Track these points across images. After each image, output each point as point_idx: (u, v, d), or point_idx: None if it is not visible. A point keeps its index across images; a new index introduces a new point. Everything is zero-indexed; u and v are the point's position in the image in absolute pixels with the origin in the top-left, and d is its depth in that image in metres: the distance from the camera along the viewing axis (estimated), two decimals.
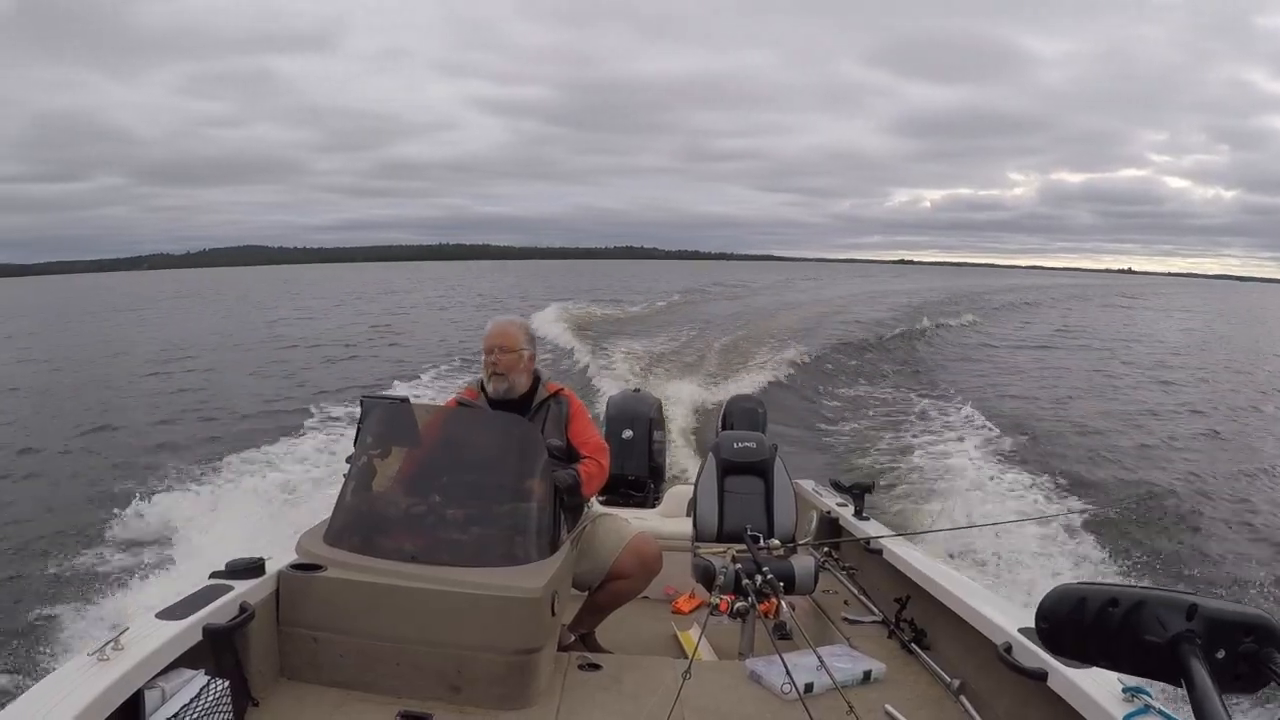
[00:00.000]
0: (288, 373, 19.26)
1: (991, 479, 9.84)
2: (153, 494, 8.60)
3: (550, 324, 22.06)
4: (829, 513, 4.79)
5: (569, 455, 3.51)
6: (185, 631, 2.46)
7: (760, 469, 4.15)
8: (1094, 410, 15.73)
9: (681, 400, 11.96)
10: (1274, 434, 14.17)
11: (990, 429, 12.71)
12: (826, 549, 4.40)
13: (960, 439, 11.85)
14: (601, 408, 6.06)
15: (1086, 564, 7.23)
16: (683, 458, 9.14)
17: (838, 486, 4.99)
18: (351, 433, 3.47)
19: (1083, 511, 8.66)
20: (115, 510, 8.15)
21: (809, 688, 2.84)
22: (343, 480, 3.25)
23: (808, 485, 5.33)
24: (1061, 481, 10.06)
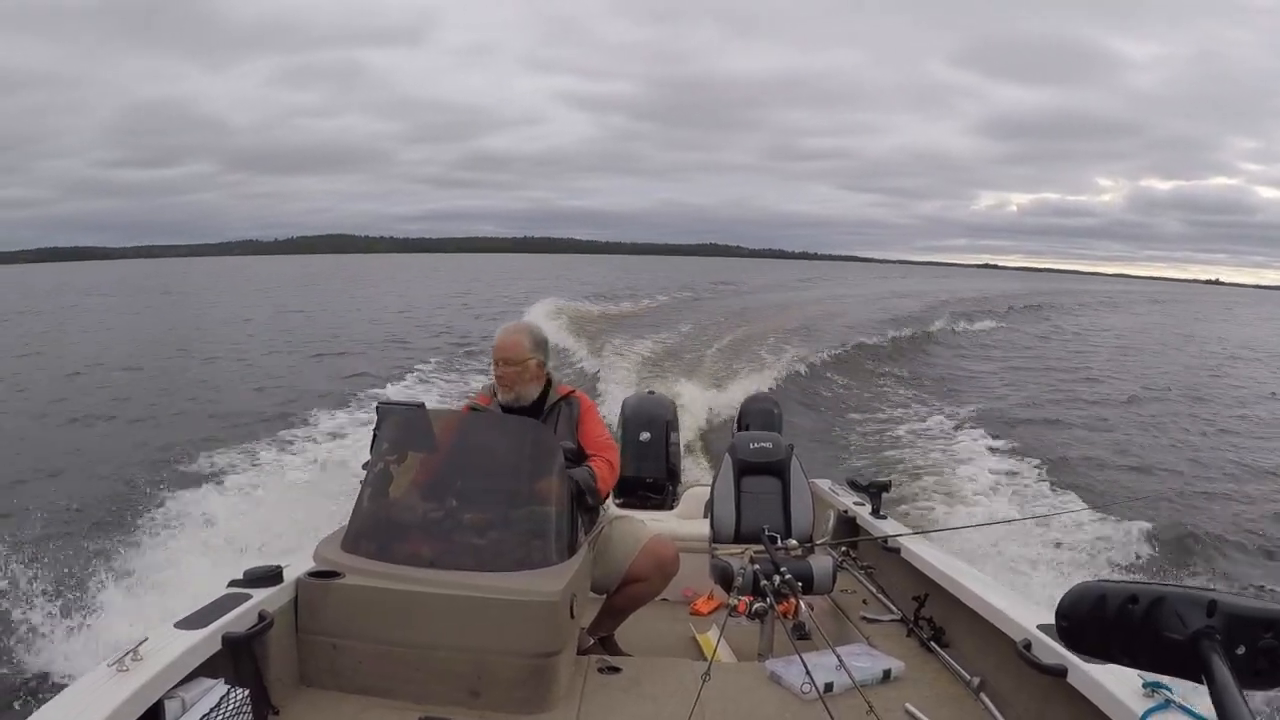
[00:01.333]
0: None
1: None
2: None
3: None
4: (846, 512, 4.77)
5: (580, 457, 3.52)
6: (204, 641, 2.47)
7: (777, 469, 4.14)
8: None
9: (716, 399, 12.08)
10: None
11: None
12: (844, 548, 4.38)
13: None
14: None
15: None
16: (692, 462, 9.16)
17: (854, 485, 4.97)
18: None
19: (1101, 509, 8.61)
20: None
21: (829, 687, 2.83)
22: (359, 487, 3.27)
23: (824, 485, 5.32)
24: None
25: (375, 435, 3.38)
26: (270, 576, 2.87)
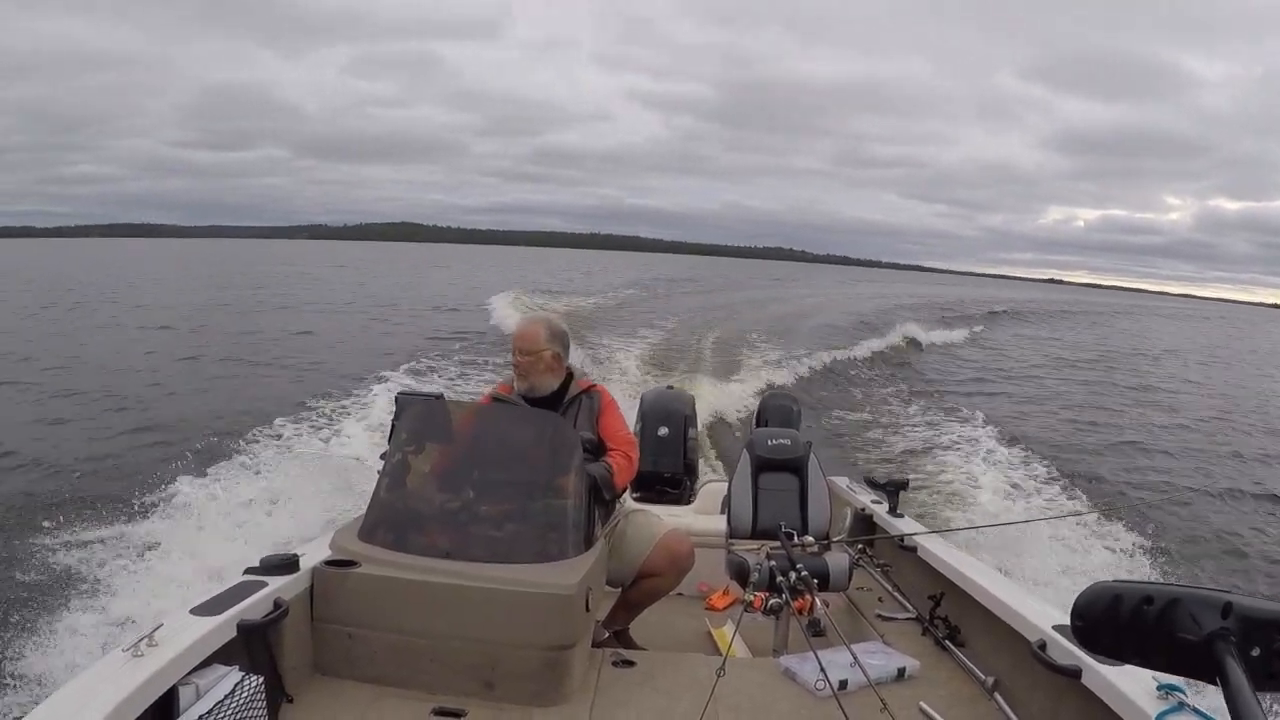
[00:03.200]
0: None
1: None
2: None
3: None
4: (863, 509, 4.75)
5: (599, 450, 3.53)
6: (219, 627, 2.48)
7: (794, 466, 4.14)
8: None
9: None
10: None
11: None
12: (860, 546, 4.37)
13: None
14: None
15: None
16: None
17: (872, 483, 4.95)
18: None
19: (1118, 510, 8.57)
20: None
21: (843, 685, 2.83)
22: (377, 476, 3.28)
23: (842, 482, 5.31)
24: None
25: (394, 425, 3.40)
26: (286, 565, 2.89)
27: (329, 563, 2.90)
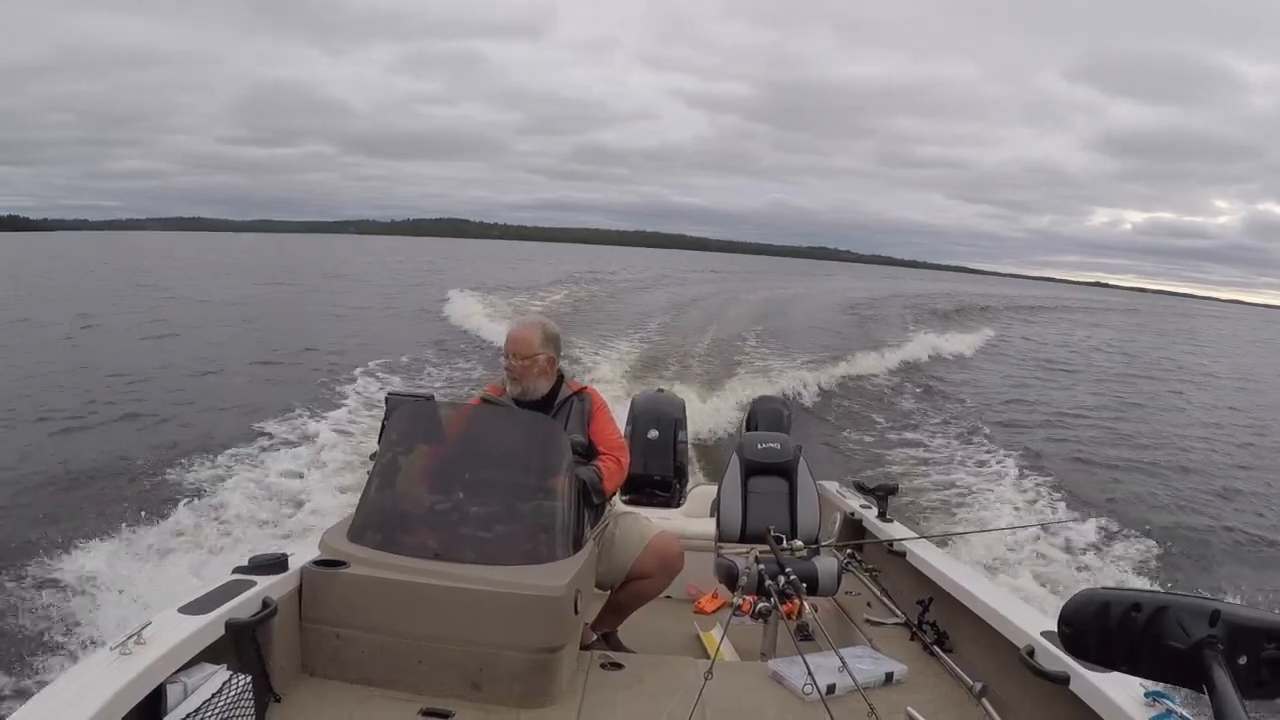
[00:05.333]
0: None
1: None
2: None
3: None
4: (852, 514, 4.76)
5: (589, 453, 3.52)
6: (208, 626, 2.47)
7: (784, 470, 4.14)
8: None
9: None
10: None
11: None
12: (849, 551, 4.38)
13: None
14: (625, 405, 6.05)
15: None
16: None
17: (861, 488, 4.96)
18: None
19: (1104, 518, 8.61)
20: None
21: (831, 689, 2.83)
22: (367, 477, 3.28)
23: (831, 486, 5.31)
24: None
25: (383, 426, 3.39)
26: (275, 564, 2.88)
27: (318, 563, 2.89)
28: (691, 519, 4.94)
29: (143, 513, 6.90)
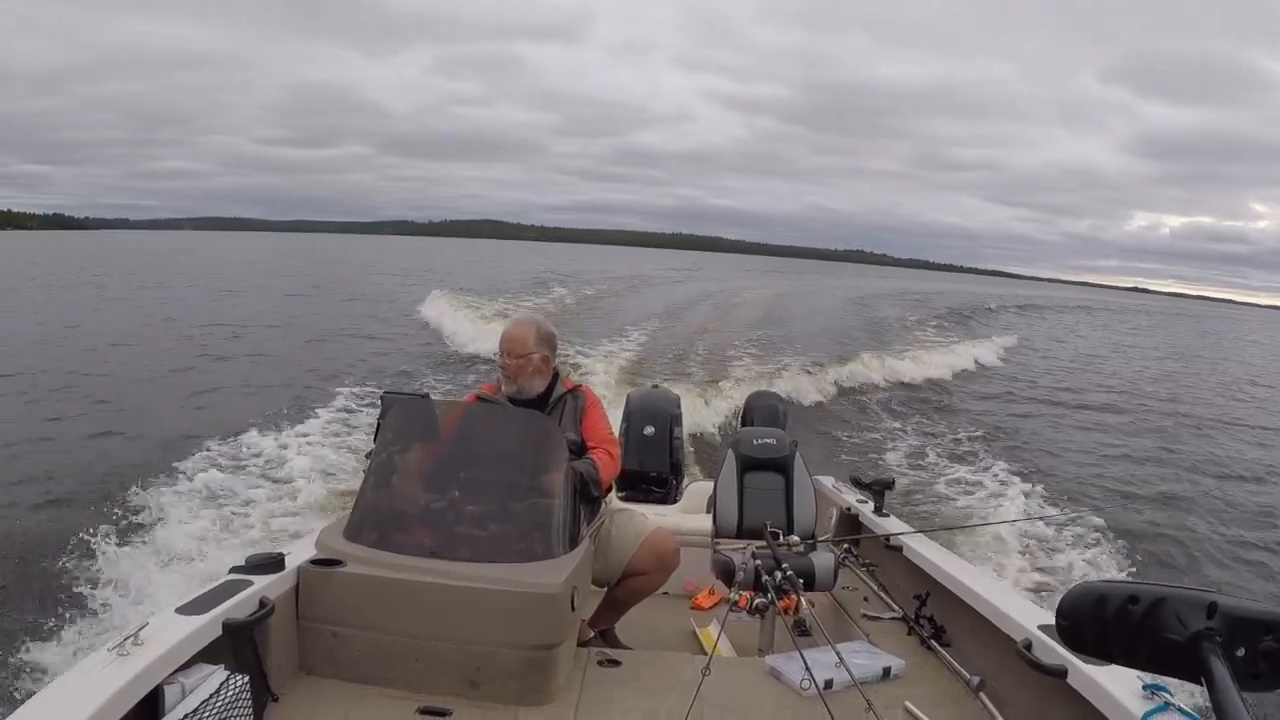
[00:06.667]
0: None
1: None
2: None
3: None
4: (849, 509, 4.76)
5: (582, 449, 3.51)
6: (205, 626, 2.47)
7: (780, 465, 4.14)
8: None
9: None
10: None
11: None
12: (846, 545, 4.38)
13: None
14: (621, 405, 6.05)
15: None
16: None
17: (858, 483, 4.97)
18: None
19: (1103, 510, 8.63)
20: None
21: (828, 684, 2.83)
22: (363, 476, 3.27)
23: (828, 481, 5.32)
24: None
25: (379, 424, 3.39)
26: (272, 564, 2.88)
27: (314, 562, 2.89)
28: (688, 515, 4.94)
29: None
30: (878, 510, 4.53)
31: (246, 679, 2.43)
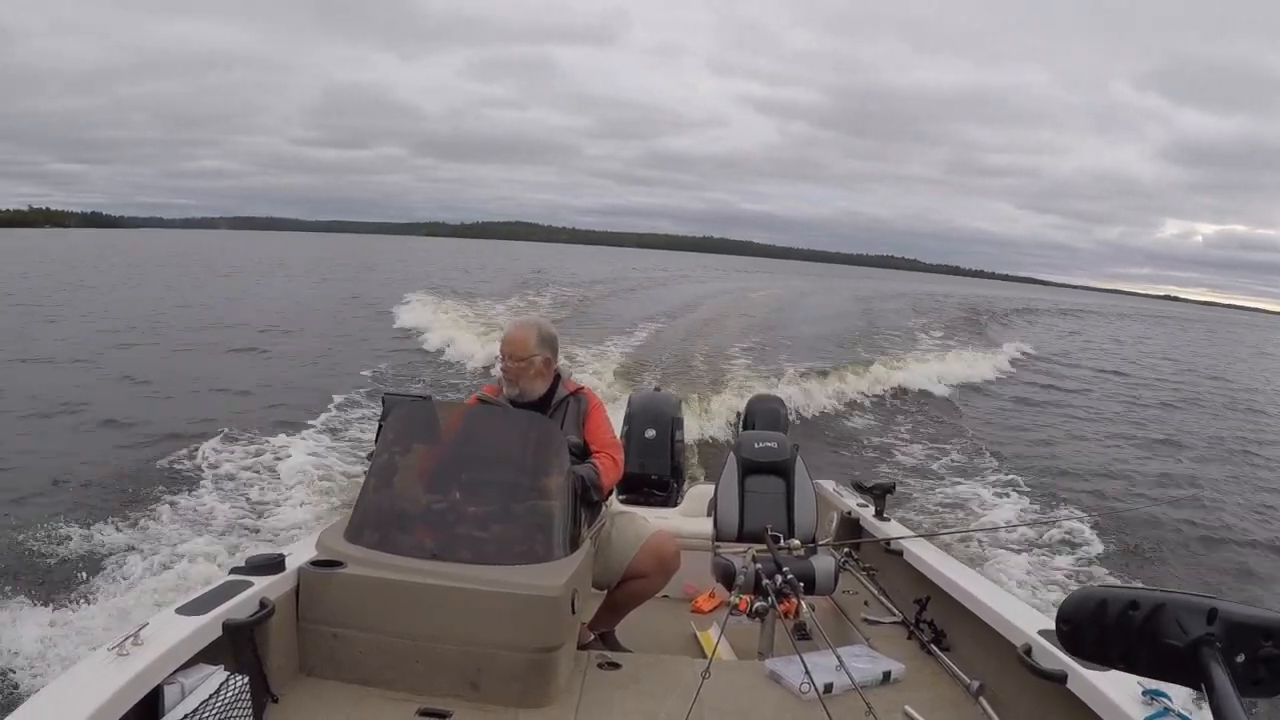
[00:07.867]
0: None
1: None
2: None
3: None
4: (849, 513, 4.76)
5: (584, 452, 3.51)
6: (205, 627, 2.47)
7: (781, 469, 4.14)
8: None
9: None
10: None
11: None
12: (847, 549, 4.37)
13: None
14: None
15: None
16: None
17: (859, 487, 4.96)
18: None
19: (1103, 516, 8.62)
20: None
21: (828, 688, 2.83)
22: (364, 477, 3.27)
23: (828, 485, 5.31)
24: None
25: (381, 426, 3.39)
26: (272, 565, 2.88)
27: (314, 563, 2.89)
28: (688, 518, 4.94)
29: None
30: (878, 514, 4.53)
31: (246, 680, 2.44)
